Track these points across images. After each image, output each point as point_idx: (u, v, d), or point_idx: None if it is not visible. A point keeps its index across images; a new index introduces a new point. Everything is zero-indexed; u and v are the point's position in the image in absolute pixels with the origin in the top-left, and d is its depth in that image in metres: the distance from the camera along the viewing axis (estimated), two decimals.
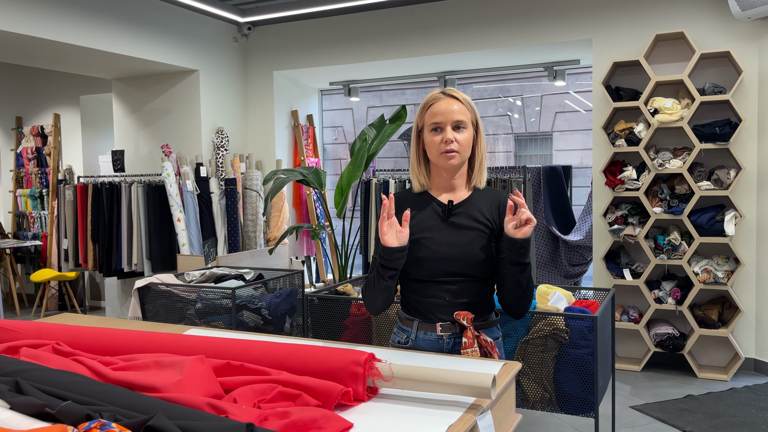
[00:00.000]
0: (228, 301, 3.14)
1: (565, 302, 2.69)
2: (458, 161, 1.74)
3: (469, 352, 1.70)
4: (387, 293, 1.73)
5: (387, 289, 1.72)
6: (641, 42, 4.45)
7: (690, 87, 4.17)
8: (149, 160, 5.70)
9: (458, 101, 1.74)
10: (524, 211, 1.60)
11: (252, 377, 1.37)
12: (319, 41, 5.61)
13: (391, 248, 1.65)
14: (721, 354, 4.42)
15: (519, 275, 1.68)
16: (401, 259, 1.68)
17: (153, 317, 3.29)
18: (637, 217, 4.44)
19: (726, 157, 4.29)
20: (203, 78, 5.47)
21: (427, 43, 5.21)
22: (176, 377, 1.30)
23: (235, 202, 5.25)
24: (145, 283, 3.29)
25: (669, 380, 4.24)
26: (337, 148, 13.23)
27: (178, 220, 5.05)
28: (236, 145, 5.82)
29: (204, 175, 5.23)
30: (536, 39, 4.83)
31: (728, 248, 4.26)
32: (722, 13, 4.24)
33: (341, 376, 1.38)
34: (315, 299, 2.89)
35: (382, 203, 1.66)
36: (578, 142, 12.12)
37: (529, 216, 1.60)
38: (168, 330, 2.04)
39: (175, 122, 5.56)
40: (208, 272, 3.57)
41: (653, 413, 3.68)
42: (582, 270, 5.38)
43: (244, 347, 1.51)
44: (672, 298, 4.28)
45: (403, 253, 1.68)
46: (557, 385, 2.49)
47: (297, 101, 6.22)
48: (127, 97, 5.76)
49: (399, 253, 1.67)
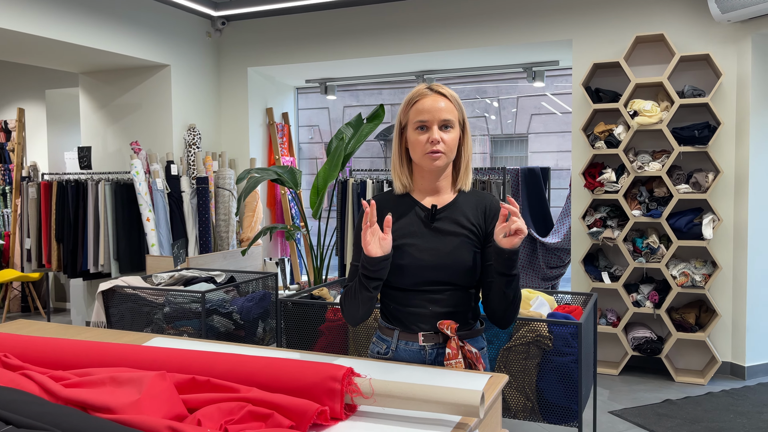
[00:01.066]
0: (198, 306, 3.01)
1: (547, 307, 2.61)
2: (443, 163, 1.63)
3: (453, 363, 1.60)
4: (369, 304, 1.63)
5: (369, 300, 1.62)
6: (621, 43, 4.41)
7: (669, 89, 4.14)
8: (118, 157, 5.51)
9: (445, 98, 1.63)
10: (516, 221, 1.49)
11: (219, 394, 1.25)
12: (295, 37, 5.48)
13: (376, 258, 1.55)
14: (698, 358, 4.40)
15: (505, 287, 1.59)
16: (386, 268, 1.58)
17: (118, 322, 3.14)
18: (616, 219, 4.41)
19: (704, 161, 4.28)
20: (175, 73, 5.30)
21: (405, 42, 5.12)
22: (134, 396, 1.17)
23: (207, 201, 5.09)
24: (109, 286, 3.13)
25: (646, 384, 4.21)
26: (313, 148, 13.09)
27: (147, 219, 4.88)
28: (209, 142, 5.66)
29: (175, 173, 5.07)
30: (516, 39, 4.77)
31: (706, 252, 4.25)
32: (702, 16, 4.22)
33: (317, 393, 1.27)
34: (289, 304, 2.77)
35: (361, 208, 1.55)
36: (554, 144, 12.17)
37: (520, 227, 1.49)
38: (130, 339, 1.91)
39: (145, 118, 5.38)
40: (177, 274, 3.43)
41: (632, 418, 3.63)
42: (560, 272, 5.34)
43: (211, 360, 1.39)
44: (650, 302, 4.25)
45: (388, 261, 1.58)
46: (540, 394, 2.41)
47: (272, 99, 6.08)
48: (95, 91, 5.56)
49: (384, 262, 1.57)
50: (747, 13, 3.88)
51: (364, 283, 1.59)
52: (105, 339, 1.90)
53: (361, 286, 1.59)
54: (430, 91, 1.64)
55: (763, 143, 4.16)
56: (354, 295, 1.62)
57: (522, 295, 2.69)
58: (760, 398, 3.88)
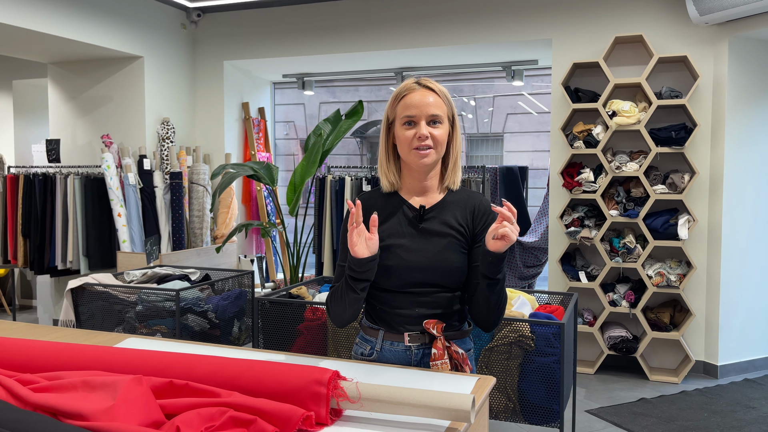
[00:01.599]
0: (171, 304, 2.92)
1: (529, 307, 2.60)
2: (432, 159, 1.59)
3: (438, 364, 1.56)
4: (357, 305, 1.58)
5: (357, 302, 1.57)
6: (601, 44, 4.43)
7: (647, 90, 4.17)
8: (88, 150, 5.36)
9: (434, 93, 1.59)
10: (504, 225, 1.44)
11: (198, 399, 1.19)
12: (273, 31, 5.39)
13: (363, 259, 1.50)
14: (672, 357, 4.45)
15: (488, 290, 1.54)
16: (373, 269, 1.53)
17: (88, 321, 3.03)
18: (594, 219, 4.42)
19: (680, 162, 4.32)
20: (148, 65, 5.17)
21: (384, 38, 5.07)
22: (108, 402, 1.11)
23: (181, 197, 4.98)
24: (79, 283, 3.02)
25: (622, 383, 4.24)
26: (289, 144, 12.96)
27: (118, 215, 4.75)
28: (183, 137, 5.54)
29: (147, 167, 4.94)
30: (496, 37, 4.75)
31: (681, 252, 4.29)
32: (680, 17, 4.25)
33: (301, 398, 1.22)
34: (267, 303, 2.71)
35: (347, 207, 1.50)
36: (529, 144, 12.24)
37: (506, 233, 1.43)
38: (102, 339, 1.83)
39: (116, 111, 5.23)
40: (150, 272, 3.33)
41: (608, 417, 3.65)
42: (536, 272, 5.36)
43: (190, 363, 1.33)
44: (626, 301, 4.28)
45: (375, 262, 1.53)
46: (521, 395, 2.39)
47: (248, 93, 5.98)
48: (65, 82, 5.40)
49: (371, 263, 1.52)
50: (724, 16, 3.91)
51: (351, 285, 1.53)
52: (75, 339, 1.82)
53: (347, 287, 1.54)
54: (419, 86, 1.60)
55: (737, 145, 4.21)
56: (341, 296, 1.57)
57: None
58: (733, 397, 3.93)
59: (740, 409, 3.72)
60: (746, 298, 4.33)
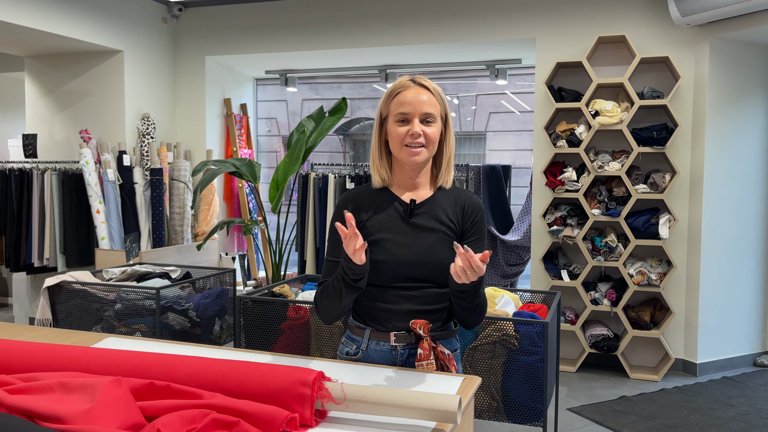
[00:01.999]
0: (152, 302, 2.87)
1: (513, 306, 2.59)
2: (424, 157, 1.58)
3: (424, 364, 1.55)
4: (349, 303, 1.57)
5: (351, 299, 1.56)
6: (584, 43, 4.45)
7: (630, 90, 4.20)
8: (66, 145, 5.26)
9: (428, 91, 1.58)
10: (459, 272, 1.40)
11: (180, 401, 1.16)
12: (255, 27, 5.34)
13: (359, 266, 1.48)
14: (652, 355, 4.49)
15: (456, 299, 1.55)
16: (365, 275, 1.53)
17: (65, 319, 2.97)
18: (576, 218, 4.45)
19: (662, 161, 4.35)
20: (128, 60, 5.08)
21: (368, 35, 5.04)
22: (86, 404, 1.08)
23: (161, 193, 4.91)
24: (56, 281, 2.96)
25: (602, 381, 4.27)
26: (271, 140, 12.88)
27: (97, 211, 4.67)
28: (163, 132, 5.46)
29: (127, 163, 4.86)
30: (480, 36, 4.75)
31: (662, 251, 4.33)
32: (662, 19, 4.29)
33: (285, 399, 1.20)
34: (249, 302, 2.67)
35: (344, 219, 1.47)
36: (511, 143, 12.30)
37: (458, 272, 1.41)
38: (79, 339, 1.79)
39: (95, 106, 5.14)
40: (130, 270, 3.28)
41: (589, 415, 3.67)
42: (519, 270, 5.37)
43: (171, 363, 1.30)
44: (607, 300, 4.31)
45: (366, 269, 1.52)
46: (505, 393, 2.39)
47: (230, 89, 5.92)
48: (42, 76, 5.29)
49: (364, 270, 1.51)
50: (706, 17, 3.95)
51: (349, 285, 1.51)
52: (52, 339, 1.78)
53: (347, 288, 1.52)
54: (413, 83, 1.59)
55: (717, 146, 4.26)
56: (335, 296, 1.55)
57: (487, 293, 2.66)
58: (712, 395, 3.97)
59: (719, 407, 3.77)
60: (725, 297, 4.39)
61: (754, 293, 4.52)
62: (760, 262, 4.52)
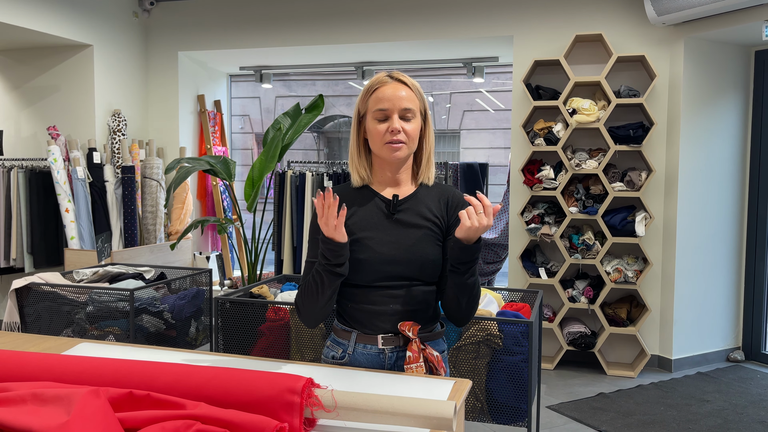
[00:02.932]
0: (125, 304, 2.79)
1: (495, 305, 2.57)
2: (405, 153, 1.55)
3: (413, 367, 1.51)
4: (331, 299, 1.52)
5: (334, 293, 1.51)
6: (561, 42, 4.46)
7: (606, 89, 4.22)
8: (33, 142, 5.10)
9: (407, 87, 1.55)
10: (469, 214, 1.40)
11: (162, 412, 1.11)
12: (229, 22, 5.24)
13: (341, 243, 1.45)
14: (628, 351, 4.53)
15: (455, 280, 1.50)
16: (346, 256, 1.48)
17: (34, 323, 2.87)
18: (554, 216, 4.46)
19: (638, 160, 4.39)
20: (98, 54, 4.94)
21: (344, 31, 4.98)
22: (62, 417, 1.01)
23: (133, 191, 4.79)
24: (24, 283, 2.85)
25: (580, 378, 4.29)
26: (245, 138, 12.71)
27: (66, 210, 4.54)
28: (135, 129, 5.33)
29: (97, 161, 4.73)
30: (457, 33, 4.73)
31: (638, 248, 4.37)
32: (639, 18, 4.32)
33: (273, 407, 1.15)
34: (227, 303, 2.61)
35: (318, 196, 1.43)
36: (485, 141, 12.34)
37: (473, 221, 1.40)
38: (51, 344, 1.71)
39: (64, 102, 4.99)
40: (102, 270, 3.18)
41: (569, 413, 3.68)
42: (496, 268, 5.38)
43: (152, 371, 1.24)
44: (585, 297, 4.33)
45: (347, 248, 1.48)
46: (489, 394, 2.37)
47: (204, 85, 5.80)
48: (8, 71, 5.12)
49: (346, 249, 1.47)
50: (681, 17, 3.99)
51: (330, 272, 1.47)
52: (22, 345, 1.69)
53: (328, 275, 1.47)
54: (391, 79, 1.55)
55: (691, 144, 4.30)
56: (316, 291, 1.50)
57: None
58: (687, 391, 4.02)
59: (695, 403, 3.81)
60: (699, 293, 4.44)
61: (728, 289, 4.58)
62: (734, 258, 4.59)
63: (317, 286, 1.50)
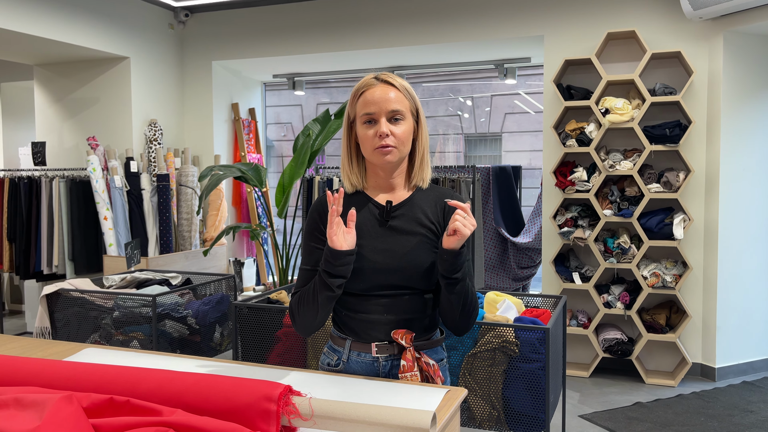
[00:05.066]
0: (148, 310, 2.84)
1: (515, 311, 2.50)
2: (395, 157, 1.50)
3: (408, 376, 1.47)
4: (328, 307, 1.48)
5: (331, 301, 1.47)
6: (593, 40, 4.34)
7: (641, 87, 4.08)
8: (74, 153, 5.28)
9: (394, 88, 1.50)
10: (456, 219, 1.38)
11: (137, 418, 1.10)
12: (262, 30, 5.31)
13: (342, 251, 1.41)
14: (669, 359, 4.35)
15: (446, 290, 1.46)
16: (350, 265, 1.44)
17: (63, 328, 2.95)
18: (587, 219, 4.33)
19: (675, 159, 4.22)
20: (135, 66, 5.09)
21: (375, 36, 4.99)
22: (34, 422, 1.02)
23: (168, 199, 4.90)
24: (54, 289, 2.94)
25: (617, 386, 4.15)
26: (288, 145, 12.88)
27: (104, 218, 4.67)
28: (171, 138, 5.46)
29: (134, 170, 4.86)
30: (487, 34, 4.67)
31: (677, 252, 4.20)
32: (674, 13, 4.16)
33: (249, 415, 1.13)
34: (244, 309, 2.62)
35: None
36: (527, 144, 12.15)
37: (458, 227, 1.37)
38: (58, 350, 1.75)
39: (103, 113, 5.16)
40: (130, 277, 3.25)
41: (602, 422, 3.56)
42: (531, 273, 5.26)
43: (136, 378, 1.24)
44: (621, 303, 4.19)
45: (353, 257, 1.44)
46: (506, 402, 2.30)
47: (238, 94, 5.90)
48: (50, 84, 5.32)
49: (349, 257, 1.43)
50: (719, 10, 3.82)
51: (326, 282, 1.44)
52: (31, 350, 1.74)
53: (322, 285, 1.45)
54: (377, 81, 1.51)
55: (733, 142, 4.12)
56: (311, 298, 1.47)
57: (488, 298, 2.58)
58: (731, 400, 3.83)
59: (738, 413, 3.63)
60: (744, 299, 4.24)
61: None
62: None
63: (314, 294, 1.47)
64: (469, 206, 1.39)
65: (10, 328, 5.73)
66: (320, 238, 1.53)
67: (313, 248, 1.53)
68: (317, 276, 1.47)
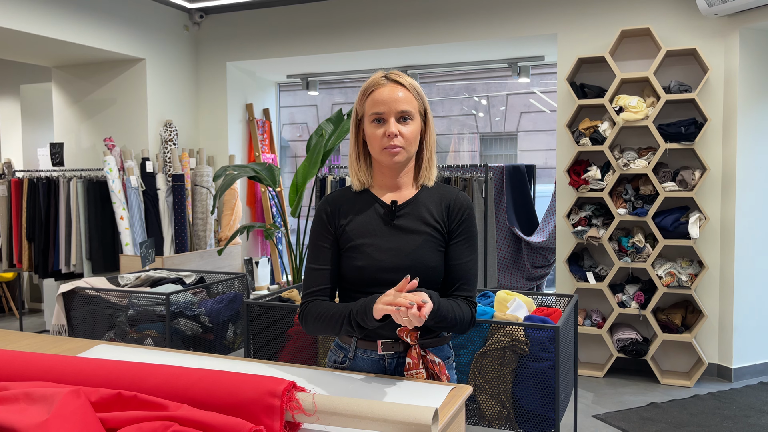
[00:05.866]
0: (162, 308, 2.87)
1: (525, 310, 2.50)
2: (403, 157, 1.51)
3: (413, 374, 1.48)
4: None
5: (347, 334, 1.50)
6: (606, 38, 4.31)
7: (655, 85, 4.04)
8: (91, 153, 5.35)
9: (403, 87, 1.50)
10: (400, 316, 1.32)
11: (144, 412, 1.12)
12: (275, 31, 5.35)
13: (376, 320, 1.40)
14: (684, 359, 4.31)
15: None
16: (371, 326, 1.45)
17: (79, 326, 3.00)
18: (601, 218, 4.30)
19: (691, 158, 4.18)
20: (150, 67, 5.14)
21: (388, 35, 4.99)
22: (42, 416, 1.05)
23: (183, 199, 4.95)
24: (70, 287, 2.99)
25: (632, 387, 4.11)
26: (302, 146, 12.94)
27: (121, 218, 4.73)
28: (186, 139, 5.51)
29: (150, 170, 4.91)
30: (500, 33, 4.65)
31: (692, 251, 4.15)
32: (689, 9, 4.12)
33: (254, 410, 1.15)
34: (255, 307, 2.64)
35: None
36: (543, 143, 12.08)
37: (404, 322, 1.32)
38: (71, 346, 1.78)
39: (119, 114, 5.22)
40: (144, 275, 3.29)
41: (616, 423, 3.53)
42: (545, 272, 5.24)
43: (143, 373, 1.26)
44: (635, 302, 4.15)
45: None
46: (516, 401, 2.30)
47: (252, 94, 5.94)
48: (68, 86, 5.40)
49: (378, 321, 1.41)
50: (734, 7, 3.78)
51: (354, 327, 1.44)
52: (44, 347, 1.77)
53: (348, 325, 1.45)
54: (387, 80, 1.51)
55: (750, 140, 4.06)
56: (331, 324, 1.48)
57: (499, 297, 2.58)
58: (747, 401, 3.78)
59: (754, 414, 3.58)
60: (761, 299, 4.18)
61: None
62: None
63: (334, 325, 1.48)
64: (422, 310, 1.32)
65: (30, 326, 5.83)
66: (328, 237, 1.54)
67: (321, 247, 1.54)
68: (347, 312, 1.45)
